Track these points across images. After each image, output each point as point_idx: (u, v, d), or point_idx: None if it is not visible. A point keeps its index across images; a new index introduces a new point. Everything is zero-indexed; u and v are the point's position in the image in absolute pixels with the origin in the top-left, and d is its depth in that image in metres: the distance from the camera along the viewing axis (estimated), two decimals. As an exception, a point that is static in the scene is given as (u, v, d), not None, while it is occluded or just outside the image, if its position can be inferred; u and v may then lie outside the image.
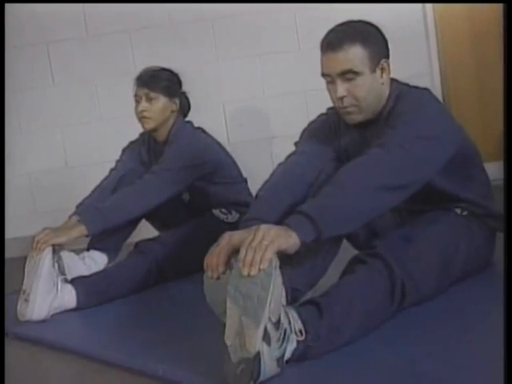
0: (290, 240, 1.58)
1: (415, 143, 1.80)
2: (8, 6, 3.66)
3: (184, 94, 2.93)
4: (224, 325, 1.58)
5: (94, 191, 2.76)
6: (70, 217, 2.56)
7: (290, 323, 1.53)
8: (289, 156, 2.07)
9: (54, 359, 1.96)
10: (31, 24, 3.76)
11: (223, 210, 2.84)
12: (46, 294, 2.24)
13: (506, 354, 1.29)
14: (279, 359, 1.49)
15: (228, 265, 1.60)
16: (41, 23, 3.75)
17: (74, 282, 2.38)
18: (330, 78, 1.94)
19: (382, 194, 1.73)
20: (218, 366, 1.52)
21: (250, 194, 2.94)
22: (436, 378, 1.40)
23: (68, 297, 2.33)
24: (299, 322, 1.56)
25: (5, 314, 2.32)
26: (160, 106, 2.78)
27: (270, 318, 1.46)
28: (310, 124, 2.17)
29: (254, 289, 1.48)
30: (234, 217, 2.83)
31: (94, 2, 3.69)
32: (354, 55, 1.89)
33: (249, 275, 1.49)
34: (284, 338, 1.50)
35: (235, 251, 1.61)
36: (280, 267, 1.54)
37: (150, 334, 1.98)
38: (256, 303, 1.46)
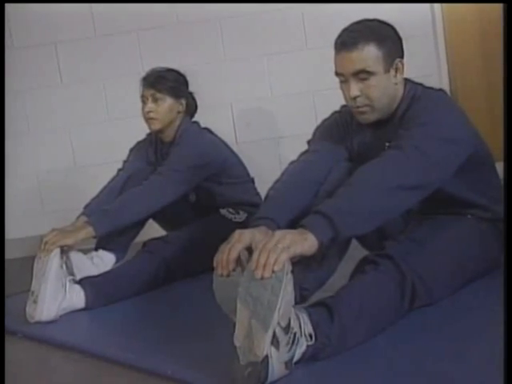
0: (305, 244, 1.57)
1: (431, 145, 1.80)
2: (16, 6, 3.68)
3: (191, 94, 2.93)
4: (233, 324, 1.59)
5: (101, 192, 2.76)
6: (78, 217, 2.57)
7: (300, 326, 1.52)
8: (301, 154, 2.07)
9: (62, 359, 1.97)
10: (39, 24, 3.76)
11: (230, 210, 2.85)
12: (54, 296, 2.24)
13: (506, 353, 1.29)
14: (288, 362, 1.49)
15: (238, 262, 1.60)
16: (49, 23, 3.76)
17: (82, 282, 2.38)
18: (343, 77, 1.94)
19: (399, 195, 1.73)
20: (227, 366, 1.53)
21: (258, 194, 2.94)
22: (443, 378, 1.40)
23: (76, 297, 2.33)
24: (309, 325, 1.55)
25: (13, 314, 2.32)
26: (166, 106, 2.79)
27: (279, 323, 1.46)
28: (323, 122, 2.17)
29: (265, 293, 1.47)
30: (241, 217, 2.83)
31: (101, 2, 3.69)
32: (368, 55, 1.88)
33: (262, 278, 1.48)
34: (293, 342, 1.49)
35: (245, 249, 1.61)
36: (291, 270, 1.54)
37: (159, 333, 1.99)
38: (265, 308, 1.45)
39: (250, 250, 1.62)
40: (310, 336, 1.54)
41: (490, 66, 3.68)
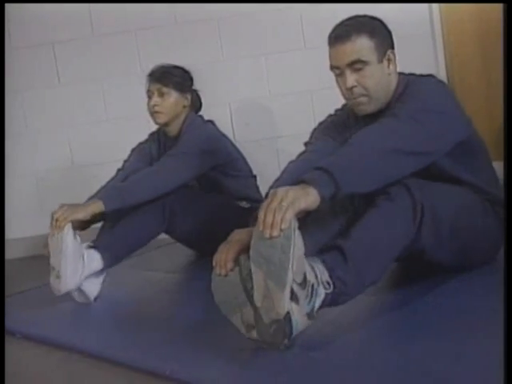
0: (308, 198, 1.58)
1: (427, 116, 1.84)
2: (14, 7, 3.67)
3: (196, 91, 2.97)
4: (232, 323, 1.60)
5: (99, 191, 2.76)
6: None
7: (316, 277, 1.56)
8: (300, 154, 2.09)
9: (61, 359, 1.96)
10: (37, 24, 3.76)
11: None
12: (75, 268, 2.31)
13: (506, 353, 1.29)
14: (309, 313, 1.54)
15: (236, 262, 1.60)
16: (46, 23, 3.75)
17: (96, 246, 2.44)
18: (338, 70, 1.99)
19: (396, 158, 1.76)
20: (226, 365, 1.53)
21: (259, 191, 2.97)
22: (442, 377, 1.40)
23: (94, 262, 2.39)
24: (326, 273, 1.59)
25: (13, 314, 2.32)
26: (172, 100, 2.83)
27: (294, 280, 1.49)
28: (319, 124, 2.20)
29: (275, 253, 1.49)
30: (245, 204, 2.88)
31: (99, 2, 3.68)
32: (362, 45, 1.94)
33: (271, 237, 1.50)
34: (312, 294, 1.53)
35: (244, 249, 1.62)
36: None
37: (158, 333, 1.98)
38: (278, 267, 1.49)
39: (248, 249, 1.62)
40: (328, 283, 1.58)
41: (488, 66, 3.67)
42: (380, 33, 1.99)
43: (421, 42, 3.58)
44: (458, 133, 1.93)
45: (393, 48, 2.03)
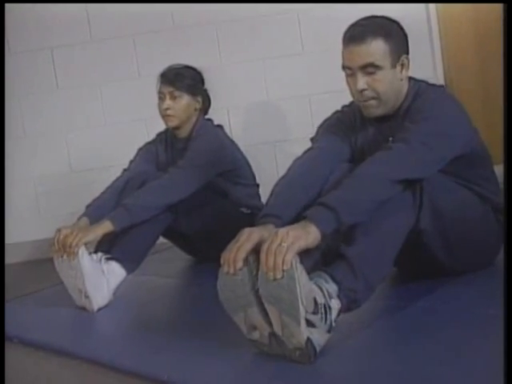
0: (309, 237, 1.59)
1: (437, 141, 1.84)
2: (12, 11, 3.67)
3: (205, 91, 2.97)
4: (232, 326, 1.62)
5: (104, 192, 2.73)
6: (80, 218, 2.54)
7: (325, 296, 1.58)
8: (305, 151, 2.08)
9: (58, 365, 1.96)
10: (35, 29, 3.75)
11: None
12: (99, 284, 2.36)
13: (506, 355, 1.29)
14: (329, 328, 1.58)
15: (246, 262, 1.60)
16: (44, 28, 3.75)
17: (115, 256, 2.46)
18: (350, 71, 1.98)
19: (403, 186, 1.78)
20: (224, 370, 1.52)
21: (260, 200, 2.98)
22: (440, 381, 1.39)
23: (117, 273, 2.44)
24: (335, 287, 1.62)
25: (11, 319, 2.32)
26: (184, 104, 2.84)
27: (306, 311, 1.52)
28: (325, 121, 2.19)
29: (283, 293, 1.52)
30: (247, 210, 2.88)
31: (96, 2, 3.68)
32: (376, 49, 1.93)
33: (275, 279, 1.52)
34: (326, 312, 1.57)
35: (254, 248, 1.61)
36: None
37: (155, 338, 1.97)
38: (289, 305, 1.51)
39: (257, 249, 1.62)
40: (339, 296, 1.62)
41: (486, 68, 3.68)
42: (396, 37, 1.98)
43: (418, 46, 3.57)
44: (459, 150, 1.93)
45: (407, 53, 2.01)
